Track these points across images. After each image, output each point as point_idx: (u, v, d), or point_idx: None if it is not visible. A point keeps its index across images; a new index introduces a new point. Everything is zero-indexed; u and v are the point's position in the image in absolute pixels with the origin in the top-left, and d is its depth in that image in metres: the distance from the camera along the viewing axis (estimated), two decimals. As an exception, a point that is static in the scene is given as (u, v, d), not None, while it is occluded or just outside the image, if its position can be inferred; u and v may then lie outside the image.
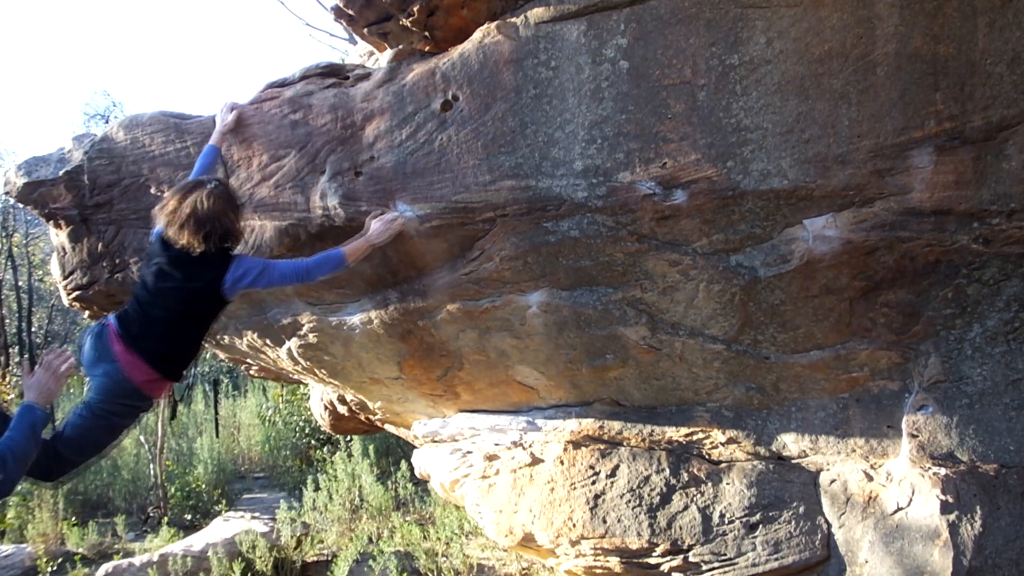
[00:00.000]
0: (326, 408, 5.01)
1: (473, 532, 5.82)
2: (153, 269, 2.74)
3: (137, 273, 2.84)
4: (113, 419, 2.71)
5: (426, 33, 2.78)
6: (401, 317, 3.29)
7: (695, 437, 3.13)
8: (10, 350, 13.75)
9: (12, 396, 8.55)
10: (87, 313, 4.08)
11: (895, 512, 2.60)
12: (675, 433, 3.16)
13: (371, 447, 7.61)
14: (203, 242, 2.62)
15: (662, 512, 3.00)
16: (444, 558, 5.42)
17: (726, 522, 2.90)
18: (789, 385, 2.89)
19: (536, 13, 2.49)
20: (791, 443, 2.95)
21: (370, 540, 6.13)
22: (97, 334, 2.74)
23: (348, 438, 7.94)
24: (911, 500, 2.58)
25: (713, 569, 2.87)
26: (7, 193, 3.80)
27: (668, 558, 2.96)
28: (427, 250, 2.96)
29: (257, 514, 6.63)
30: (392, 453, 8.25)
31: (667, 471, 3.09)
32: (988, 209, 2.28)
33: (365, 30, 2.94)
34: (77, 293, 3.82)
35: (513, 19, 2.54)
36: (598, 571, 3.17)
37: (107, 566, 5.52)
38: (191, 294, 2.71)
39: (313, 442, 8.92)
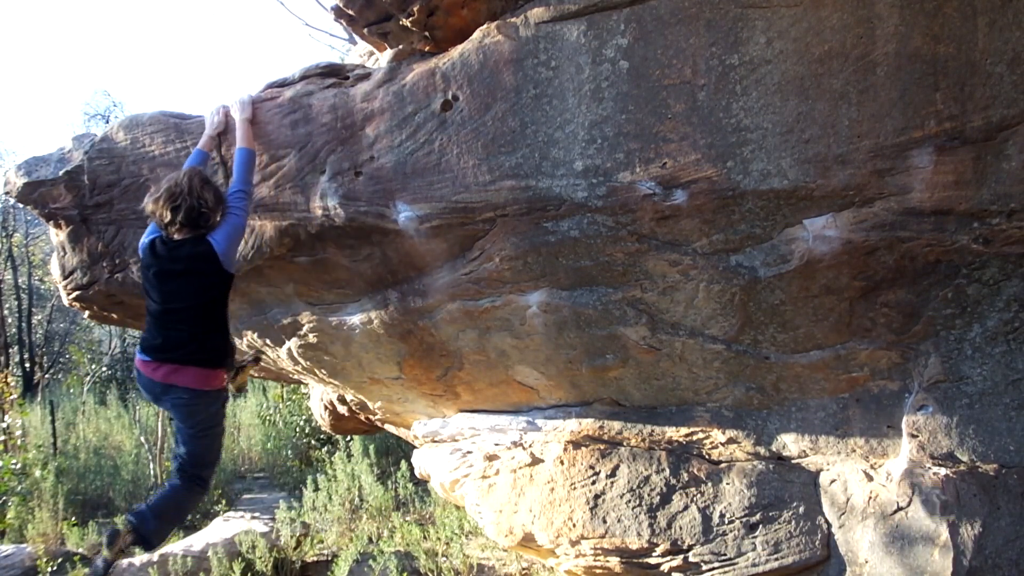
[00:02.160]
0: (326, 408, 5.01)
1: (473, 532, 5.82)
2: (152, 279, 2.85)
3: (142, 294, 3.00)
4: (214, 427, 2.96)
5: (426, 33, 2.78)
6: (401, 317, 3.29)
7: (695, 437, 3.13)
8: (10, 350, 13.75)
9: (14, 396, 8.54)
10: (87, 313, 4.08)
11: (895, 512, 2.60)
12: (675, 433, 3.16)
13: (371, 447, 7.60)
14: (173, 214, 2.74)
15: (662, 512, 3.00)
16: (444, 558, 5.42)
17: (726, 522, 2.90)
18: (789, 385, 2.89)
19: (536, 13, 2.49)
20: (791, 443, 2.95)
21: (370, 540, 6.12)
22: (137, 376, 2.94)
23: (348, 438, 7.94)
24: (911, 500, 2.58)
25: (713, 569, 2.87)
26: (7, 193, 3.80)
27: (668, 558, 2.96)
28: (427, 250, 2.96)
29: (257, 514, 6.62)
30: (392, 453, 8.25)
31: (667, 471, 3.09)
32: (988, 209, 2.28)
33: (365, 30, 2.94)
34: (77, 293, 3.82)
35: (513, 19, 2.54)
36: (598, 571, 3.17)
37: (107, 566, 5.52)
38: (197, 281, 2.81)
39: (313, 442, 8.92)
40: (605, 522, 3.08)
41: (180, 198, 2.74)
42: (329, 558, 5.86)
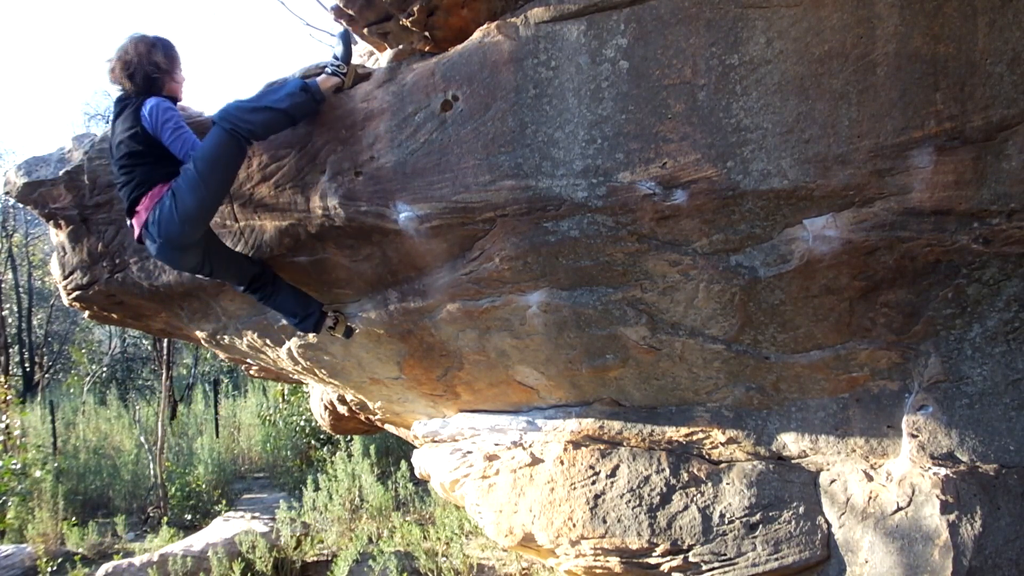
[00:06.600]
0: (326, 408, 5.02)
1: (473, 532, 5.83)
2: (111, 140, 2.96)
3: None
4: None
5: (426, 33, 2.78)
6: (401, 317, 3.29)
7: (695, 437, 3.13)
8: (10, 350, 13.75)
9: (11, 397, 8.54)
10: (87, 313, 4.08)
11: (895, 512, 2.60)
12: (675, 433, 3.16)
13: (371, 447, 7.62)
14: (131, 81, 2.87)
15: (662, 512, 3.00)
16: (444, 558, 5.43)
17: (726, 522, 2.90)
18: (789, 385, 2.89)
19: (536, 13, 2.49)
20: (791, 443, 2.95)
21: (370, 540, 6.13)
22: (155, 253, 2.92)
23: (348, 438, 7.95)
24: (911, 500, 2.58)
25: (713, 569, 2.87)
26: (7, 193, 3.80)
27: (668, 558, 2.96)
28: (427, 250, 2.96)
29: (257, 514, 6.63)
30: (392, 453, 8.26)
31: (667, 471, 3.09)
32: (988, 209, 2.28)
33: (365, 30, 2.94)
34: (77, 293, 3.82)
35: (513, 19, 2.54)
36: (598, 571, 3.17)
37: (107, 566, 5.53)
38: (128, 131, 2.85)
39: (313, 442, 8.93)
40: (605, 522, 3.08)
41: (132, 66, 2.86)
42: (329, 558, 5.87)
